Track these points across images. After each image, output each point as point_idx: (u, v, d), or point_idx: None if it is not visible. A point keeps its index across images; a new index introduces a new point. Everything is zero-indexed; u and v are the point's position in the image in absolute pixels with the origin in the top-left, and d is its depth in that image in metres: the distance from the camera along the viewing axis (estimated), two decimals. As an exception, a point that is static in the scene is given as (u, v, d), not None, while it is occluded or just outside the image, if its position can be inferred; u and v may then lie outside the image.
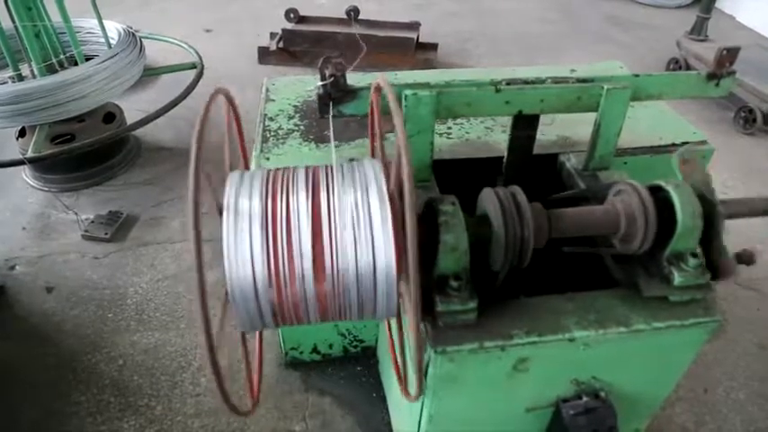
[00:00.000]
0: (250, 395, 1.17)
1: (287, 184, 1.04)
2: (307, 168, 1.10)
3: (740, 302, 2.69)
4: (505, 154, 1.71)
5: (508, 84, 1.50)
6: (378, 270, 0.97)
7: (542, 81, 1.53)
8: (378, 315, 1.06)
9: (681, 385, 2.27)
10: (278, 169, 1.11)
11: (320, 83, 1.43)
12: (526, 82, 1.52)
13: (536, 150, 1.84)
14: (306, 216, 0.98)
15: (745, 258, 1.29)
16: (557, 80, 1.54)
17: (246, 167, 1.40)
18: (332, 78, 1.42)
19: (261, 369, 1.27)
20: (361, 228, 0.97)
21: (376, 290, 0.99)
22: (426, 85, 1.47)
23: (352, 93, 1.48)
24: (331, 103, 1.47)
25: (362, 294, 1.00)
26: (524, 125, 1.63)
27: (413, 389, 1.03)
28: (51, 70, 3.12)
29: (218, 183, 1.08)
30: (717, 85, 1.64)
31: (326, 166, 1.10)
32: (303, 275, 0.96)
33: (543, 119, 1.94)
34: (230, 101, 1.11)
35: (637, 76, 1.58)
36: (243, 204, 0.99)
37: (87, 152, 3.08)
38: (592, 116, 1.58)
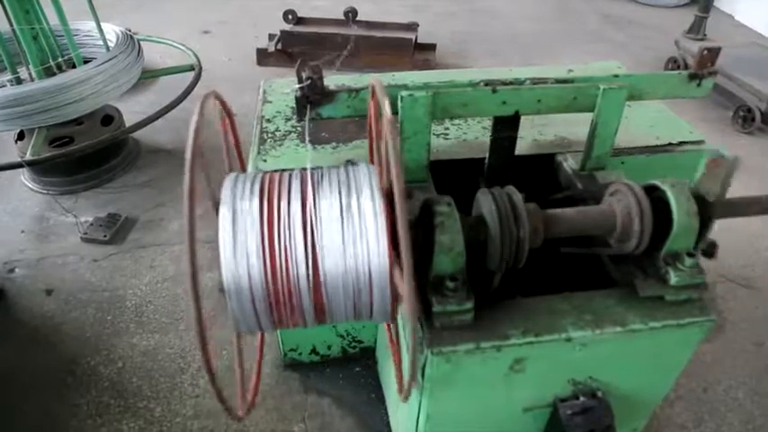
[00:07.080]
0: (252, 394, 1.17)
1: (282, 186, 1.04)
2: (302, 171, 1.10)
3: (738, 301, 2.70)
4: (486, 155, 1.71)
5: (500, 84, 1.50)
6: (372, 273, 0.97)
7: (535, 81, 1.53)
8: (373, 318, 1.06)
9: (680, 384, 2.28)
10: (274, 172, 1.12)
11: (297, 85, 1.44)
12: (522, 82, 1.52)
13: (533, 150, 1.85)
14: (299, 218, 0.98)
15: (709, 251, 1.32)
16: (544, 80, 1.53)
17: (243, 169, 1.40)
18: (309, 81, 1.42)
19: (259, 371, 1.27)
20: (355, 231, 0.97)
21: (371, 293, 0.99)
22: (422, 86, 1.47)
23: (329, 95, 1.48)
24: (308, 106, 1.47)
25: (357, 297, 1.00)
26: (505, 127, 1.63)
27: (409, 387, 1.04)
28: (49, 73, 3.12)
29: (217, 184, 1.08)
30: (698, 85, 1.63)
31: (320, 169, 1.10)
32: (298, 278, 0.97)
33: (540, 119, 1.95)
34: (223, 103, 1.11)
35: (617, 76, 1.58)
36: (238, 206, 1.00)
37: (86, 155, 3.09)
38: (589, 116, 1.58)
